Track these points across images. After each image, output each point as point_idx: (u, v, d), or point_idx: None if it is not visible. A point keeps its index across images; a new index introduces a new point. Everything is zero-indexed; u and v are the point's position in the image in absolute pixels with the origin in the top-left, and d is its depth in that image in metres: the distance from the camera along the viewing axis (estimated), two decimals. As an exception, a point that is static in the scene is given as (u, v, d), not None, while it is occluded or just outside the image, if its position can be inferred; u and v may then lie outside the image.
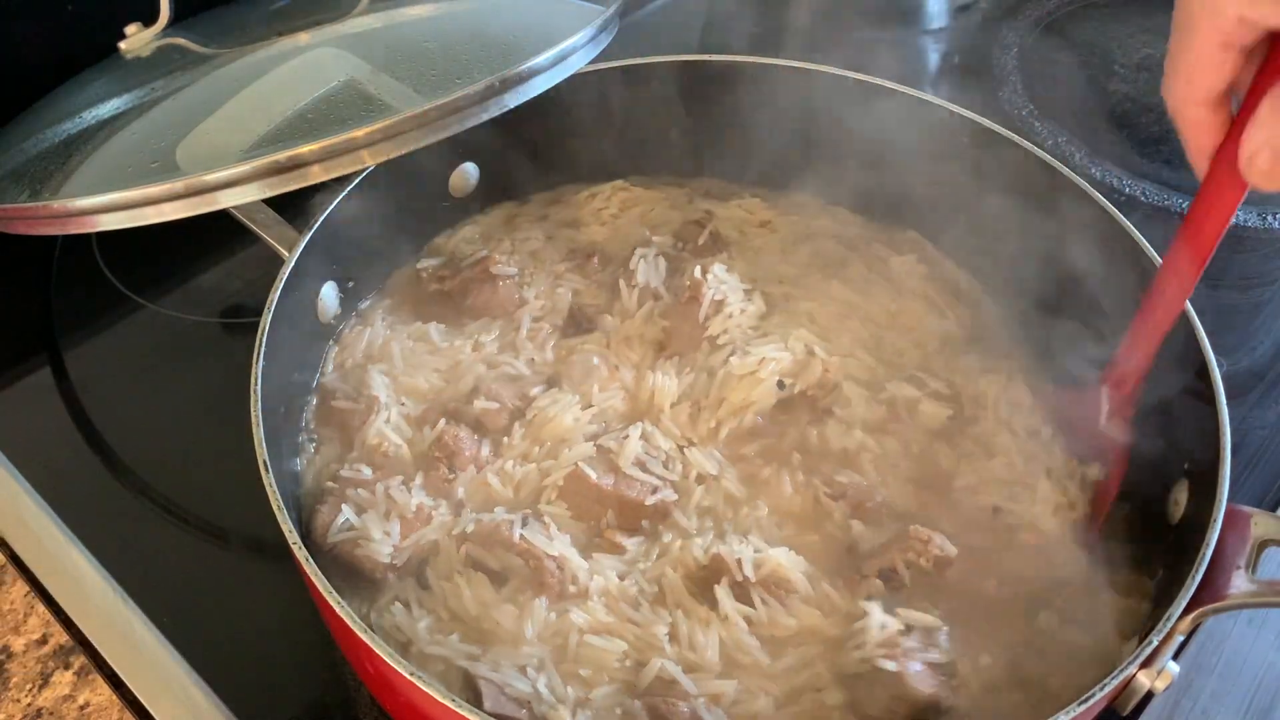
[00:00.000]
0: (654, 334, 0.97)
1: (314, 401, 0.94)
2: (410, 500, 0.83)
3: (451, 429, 0.88)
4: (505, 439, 0.89)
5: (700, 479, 0.87)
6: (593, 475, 0.83)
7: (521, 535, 0.79)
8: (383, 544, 0.80)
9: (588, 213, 1.11)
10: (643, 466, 0.85)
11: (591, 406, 0.91)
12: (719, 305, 0.96)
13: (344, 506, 0.82)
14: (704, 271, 0.97)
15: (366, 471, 0.86)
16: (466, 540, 0.81)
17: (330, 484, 0.85)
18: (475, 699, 0.71)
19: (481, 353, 0.96)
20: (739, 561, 0.78)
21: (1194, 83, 0.66)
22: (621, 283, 1.00)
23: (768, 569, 0.78)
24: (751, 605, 0.78)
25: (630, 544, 0.83)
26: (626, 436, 0.86)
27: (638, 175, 1.15)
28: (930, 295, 1.01)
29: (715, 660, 0.76)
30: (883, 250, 1.04)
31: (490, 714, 0.68)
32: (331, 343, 0.99)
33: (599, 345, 0.96)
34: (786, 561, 0.79)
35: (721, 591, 0.78)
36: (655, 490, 0.84)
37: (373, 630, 0.77)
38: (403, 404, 0.92)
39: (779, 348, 0.92)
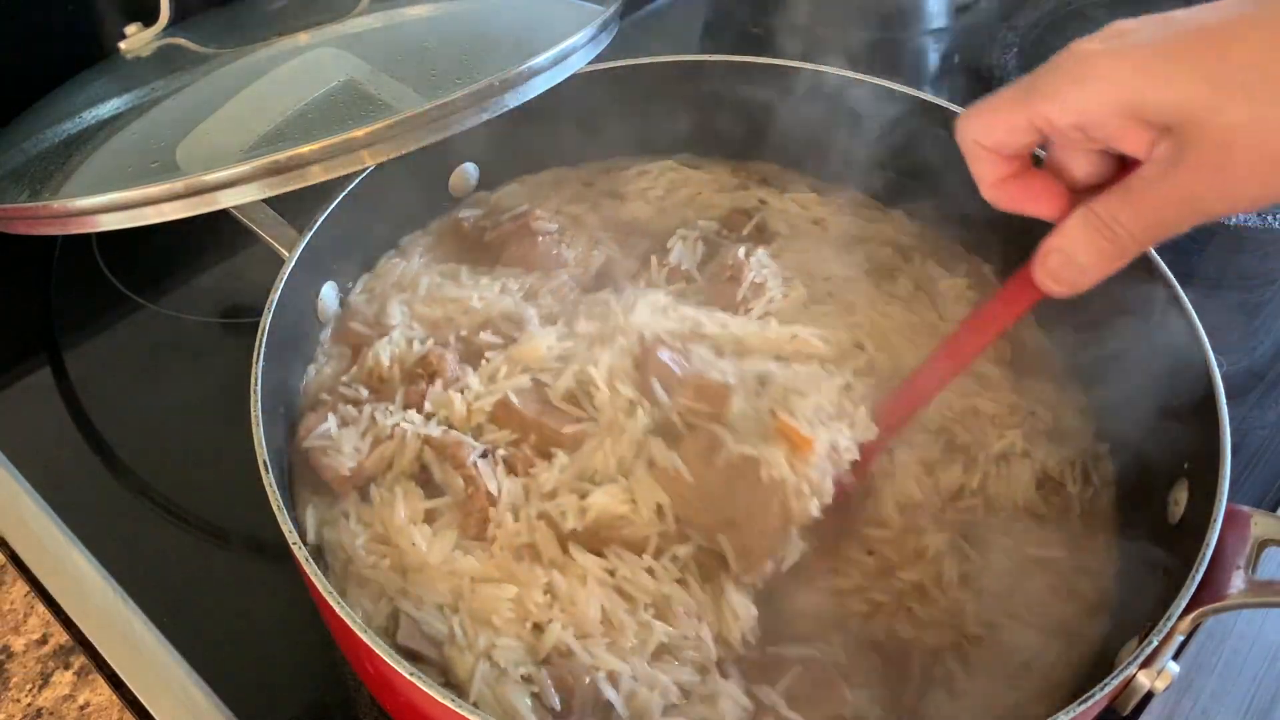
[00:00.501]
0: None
1: (330, 329, 0.97)
2: (389, 423, 0.85)
3: (438, 350, 0.89)
4: (483, 361, 0.89)
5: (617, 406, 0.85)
6: (516, 402, 0.84)
7: (475, 462, 0.81)
8: (348, 458, 0.83)
9: (634, 189, 1.11)
10: (575, 402, 0.85)
11: (569, 340, 0.89)
12: (759, 288, 0.95)
13: (330, 416, 0.86)
14: (748, 254, 0.97)
15: (363, 392, 0.89)
16: (429, 443, 0.83)
17: (325, 395, 0.89)
18: (394, 630, 0.74)
19: (509, 296, 0.97)
20: (562, 513, 0.78)
21: (992, 135, 0.66)
22: (654, 258, 1.01)
23: (591, 515, 0.78)
24: (603, 557, 0.77)
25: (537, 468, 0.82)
26: (562, 373, 0.86)
27: (691, 154, 1.14)
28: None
29: (595, 618, 0.75)
30: (935, 269, 1.01)
31: (400, 646, 0.71)
32: (366, 273, 1.02)
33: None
34: (606, 500, 0.78)
35: (574, 550, 0.77)
36: (578, 422, 0.84)
37: (322, 546, 0.80)
38: (412, 330, 0.94)
39: (819, 335, 0.91)
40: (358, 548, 0.79)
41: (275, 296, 0.84)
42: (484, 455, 0.82)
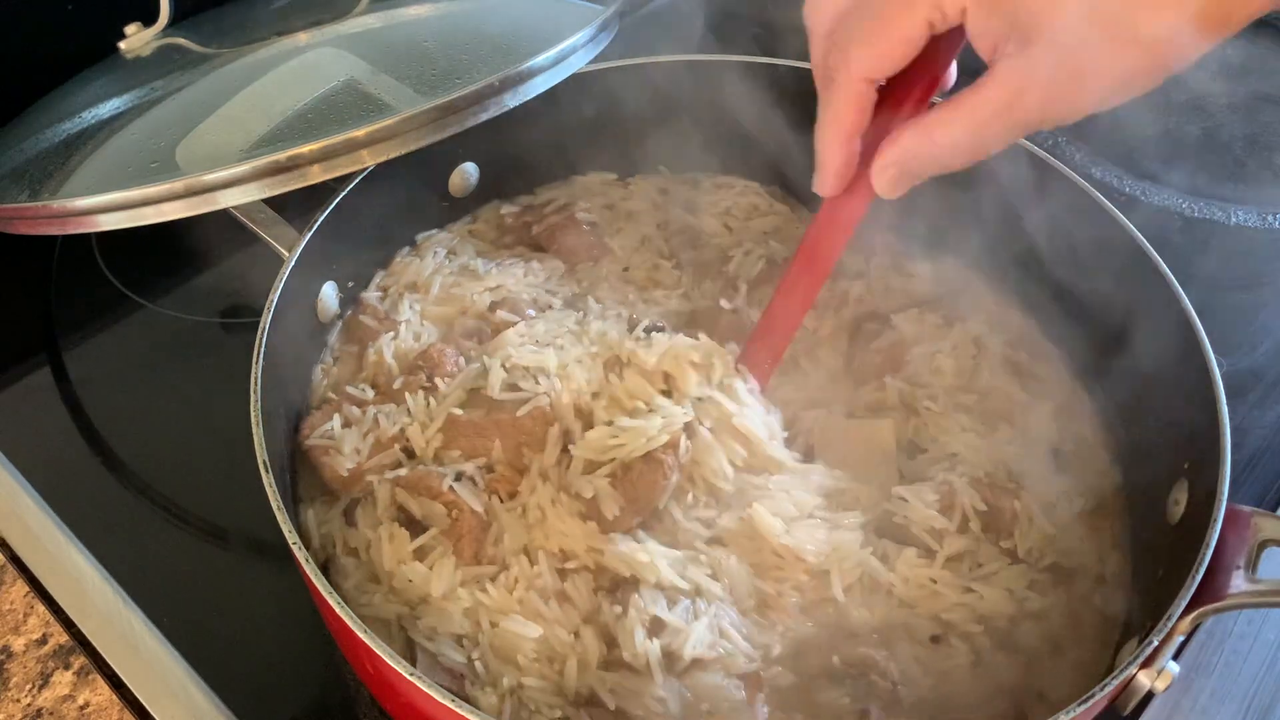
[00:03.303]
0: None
1: (340, 328, 0.98)
2: (392, 427, 0.85)
3: (439, 345, 0.90)
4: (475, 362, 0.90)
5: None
6: (460, 414, 0.84)
7: (451, 487, 0.80)
8: (348, 459, 0.83)
9: (710, 201, 1.09)
10: (513, 388, 0.85)
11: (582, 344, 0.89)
12: None
13: (335, 415, 0.86)
14: None
15: (369, 392, 0.89)
16: (399, 484, 0.82)
17: (332, 395, 0.90)
18: (412, 661, 0.73)
19: (530, 279, 0.99)
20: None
21: (841, 123, 0.71)
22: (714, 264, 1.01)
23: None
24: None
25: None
26: (487, 370, 0.86)
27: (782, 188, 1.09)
28: (1017, 363, 0.94)
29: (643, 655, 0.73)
30: (979, 326, 0.97)
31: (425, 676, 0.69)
32: (380, 270, 1.02)
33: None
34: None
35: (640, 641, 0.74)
36: (525, 402, 0.83)
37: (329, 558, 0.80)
38: (422, 327, 0.95)
39: None
40: (349, 589, 0.79)
41: (275, 296, 0.84)
42: (458, 479, 0.81)
